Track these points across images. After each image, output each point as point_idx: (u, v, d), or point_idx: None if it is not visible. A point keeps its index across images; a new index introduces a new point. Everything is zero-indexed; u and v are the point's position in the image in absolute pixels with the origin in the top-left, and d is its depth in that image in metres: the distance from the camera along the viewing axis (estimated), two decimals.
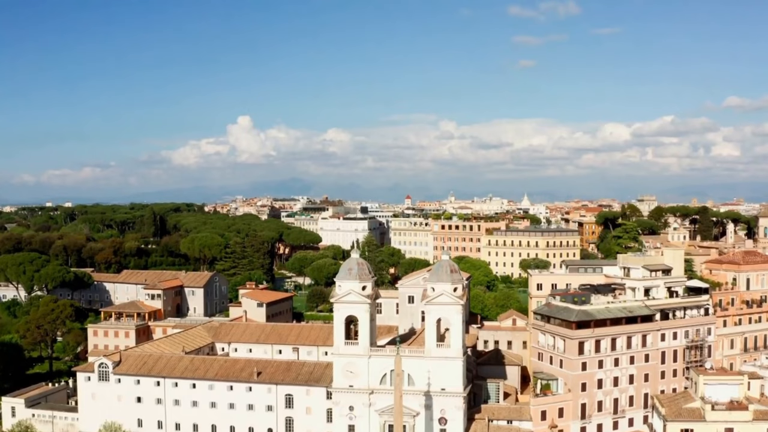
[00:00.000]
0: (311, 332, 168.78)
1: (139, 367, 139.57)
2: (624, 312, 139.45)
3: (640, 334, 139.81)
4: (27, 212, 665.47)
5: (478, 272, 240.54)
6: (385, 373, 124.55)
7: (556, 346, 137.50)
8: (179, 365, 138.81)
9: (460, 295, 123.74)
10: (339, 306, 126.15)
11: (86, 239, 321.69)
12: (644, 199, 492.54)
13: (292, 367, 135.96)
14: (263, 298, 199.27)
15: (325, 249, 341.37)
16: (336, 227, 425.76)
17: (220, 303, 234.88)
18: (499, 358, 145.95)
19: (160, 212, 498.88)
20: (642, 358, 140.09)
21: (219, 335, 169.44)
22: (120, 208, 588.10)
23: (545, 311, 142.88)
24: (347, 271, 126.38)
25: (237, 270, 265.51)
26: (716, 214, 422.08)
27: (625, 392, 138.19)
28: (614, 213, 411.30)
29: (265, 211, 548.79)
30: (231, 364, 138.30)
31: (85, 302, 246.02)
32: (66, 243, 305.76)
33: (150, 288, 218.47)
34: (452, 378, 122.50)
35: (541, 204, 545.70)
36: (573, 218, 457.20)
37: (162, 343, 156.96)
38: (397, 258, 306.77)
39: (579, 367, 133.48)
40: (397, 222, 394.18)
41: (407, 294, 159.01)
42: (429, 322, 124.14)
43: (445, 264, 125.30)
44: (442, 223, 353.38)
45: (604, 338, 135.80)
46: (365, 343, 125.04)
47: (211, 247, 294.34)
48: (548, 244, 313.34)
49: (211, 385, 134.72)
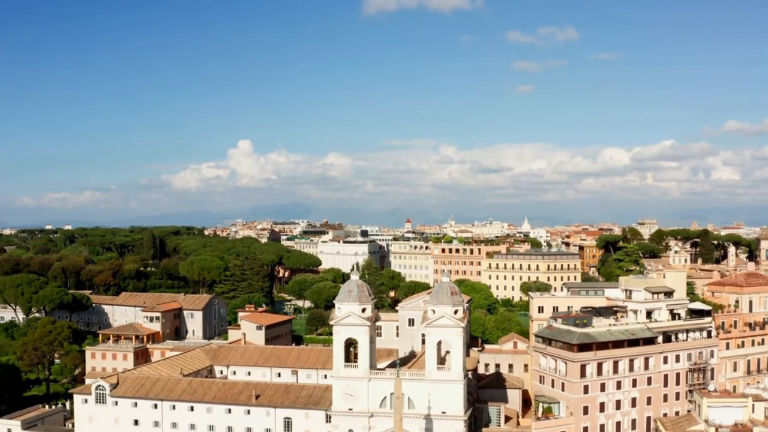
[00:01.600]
0: (310, 355, 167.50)
1: (137, 389, 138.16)
2: (626, 335, 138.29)
3: (642, 356, 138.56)
4: (26, 235, 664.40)
5: (479, 295, 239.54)
6: (385, 396, 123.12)
7: (558, 369, 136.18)
8: (177, 388, 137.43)
9: (461, 317, 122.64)
10: (338, 328, 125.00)
11: (85, 261, 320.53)
12: (645, 223, 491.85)
13: (291, 390, 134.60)
14: (262, 321, 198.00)
15: (325, 272, 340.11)
16: (336, 251, 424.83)
17: (219, 326, 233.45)
18: (500, 381, 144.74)
19: (159, 235, 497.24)
20: (644, 380, 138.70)
21: (218, 358, 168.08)
22: (120, 231, 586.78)
23: (547, 334, 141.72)
24: (347, 293, 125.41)
25: (236, 293, 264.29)
26: (717, 237, 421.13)
27: (628, 415, 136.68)
28: (615, 236, 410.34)
29: (265, 234, 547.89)
30: (229, 386, 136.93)
31: (84, 324, 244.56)
32: (65, 265, 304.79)
33: (148, 310, 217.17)
34: (453, 401, 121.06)
35: (541, 228, 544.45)
36: (574, 242, 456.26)
37: (160, 366, 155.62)
38: (397, 281, 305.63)
39: (581, 390, 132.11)
40: (397, 245, 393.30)
41: (407, 317, 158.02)
42: (429, 345, 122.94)
43: (445, 286, 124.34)
44: (443, 247, 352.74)
45: (606, 361, 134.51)
46: (365, 366, 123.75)
47: (211, 269, 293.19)
48: (549, 267, 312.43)
49: (209, 408, 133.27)
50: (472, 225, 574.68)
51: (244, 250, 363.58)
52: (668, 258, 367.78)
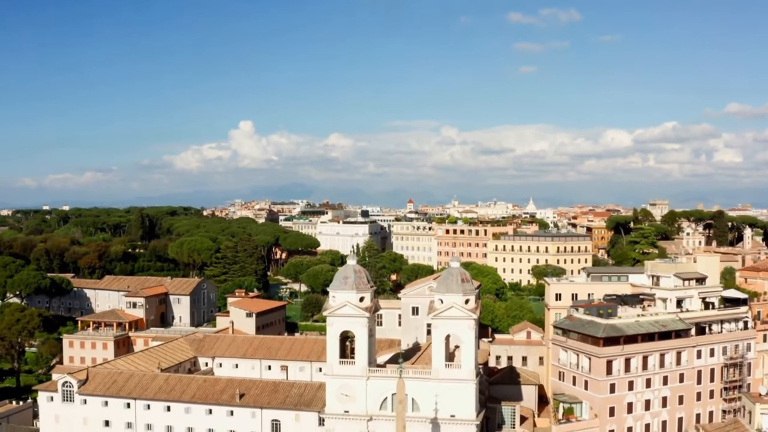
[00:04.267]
0: (304, 346, 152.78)
1: (108, 386, 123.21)
2: (657, 326, 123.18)
3: (674, 350, 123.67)
4: (21, 215, 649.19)
5: (486, 279, 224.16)
6: (385, 396, 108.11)
7: (581, 364, 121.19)
8: (152, 385, 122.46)
9: (473, 307, 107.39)
10: (333, 320, 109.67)
11: (71, 243, 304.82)
12: (656, 204, 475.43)
13: (280, 388, 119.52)
14: (253, 308, 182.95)
15: (323, 254, 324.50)
16: (335, 231, 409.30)
17: (208, 312, 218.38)
18: (514, 377, 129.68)
19: (155, 215, 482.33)
20: (676, 378, 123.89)
21: (202, 349, 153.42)
22: (115, 212, 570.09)
23: (567, 325, 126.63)
24: (342, 280, 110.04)
25: (228, 276, 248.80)
26: (731, 218, 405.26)
27: (658, 416, 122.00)
28: (626, 217, 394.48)
29: (262, 214, 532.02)
30: (211, 384, 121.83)
31: (65, 310, 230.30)
32: (48, 247, 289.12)
33: (132, 295, 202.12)
34: (463, 403, 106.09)
35: (548, 209, 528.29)
36: (581, 223, 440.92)
37: (137, 359, 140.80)
38: (399, 264, 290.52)
39: (607, 390, 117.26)
40: (399, 226, 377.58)
41: (411, 305, 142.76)
42: (436, 339, 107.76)
43: (455, 272, 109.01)
44: (447, 228, 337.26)
45: (634, 356, 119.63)
46: (363, 363, 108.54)
47: (201, 251, 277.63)
48: (558, 249, 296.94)
49: (188, 408, 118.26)
50: (475, 205, 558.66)
51: (239, 231, 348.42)
52: (681, 240, 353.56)
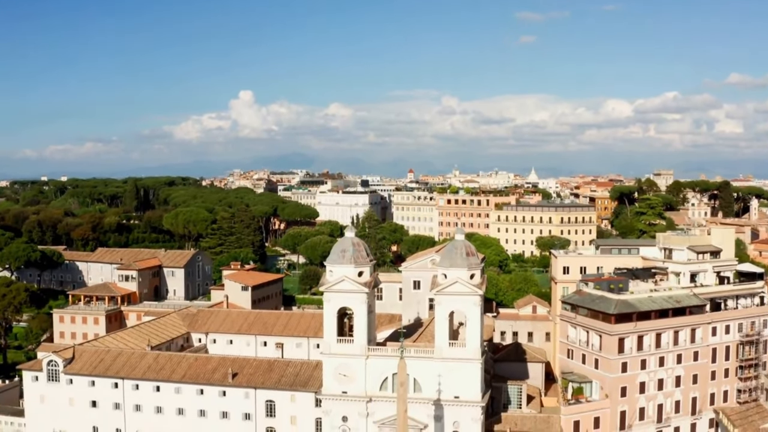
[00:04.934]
0: (301, 321, 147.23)
1: (95, 365, 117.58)
2: (671, 302, 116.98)
3: (688, 327, 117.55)
4: (19, 186, 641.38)
5: (489, 251, 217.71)
6: (386, 376, 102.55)
7: (591, 342, 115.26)
8: (141, 364, 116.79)
9: (478, 283, 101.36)
10: (330, 296, 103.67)
11: (64, 214, 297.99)
12: (661, 174, 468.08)
13: (275, 367, 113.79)
14: (248, 281, 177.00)
15: (322, 225, 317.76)
16: (335, 201, 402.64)
17: (203, 285, 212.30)
18: (520, 354, 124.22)
19: (153, 186, 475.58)
20: (690, 356, 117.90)
21: (195, 324, 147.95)
22: (112, 182, 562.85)
23: (576, 300, 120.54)
24: (340, 253, 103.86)
25: (224, 248, 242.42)
26: (737, 189, 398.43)
27: (671, 396, 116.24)
28: (630, 188, 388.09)
29: (261, 184, 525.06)
30: (202, 363, 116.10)
31: (56, 283, 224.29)
32: (41, 218, 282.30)
33: (124, 268, 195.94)
34: (468, 384, 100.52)
35: (550, 178, 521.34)
36: (583, 193, 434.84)
37: (126, 335, 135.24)
38: (399, 235, 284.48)
39: (619, 369, 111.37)
40: (399, 196, 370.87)
41: (412, 278, 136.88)
42: (440, 316, 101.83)
43: (459, 245, 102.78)
44: (448, 198, 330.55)
45: (647, 333, 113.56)
46: (362, 341, 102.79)
47: (196, 222, 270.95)
48: (562, 220, 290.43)
49: (178, 389, 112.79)
50: (477, 175, 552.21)
51: (237, 201, 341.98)
52: (687, 211, 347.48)
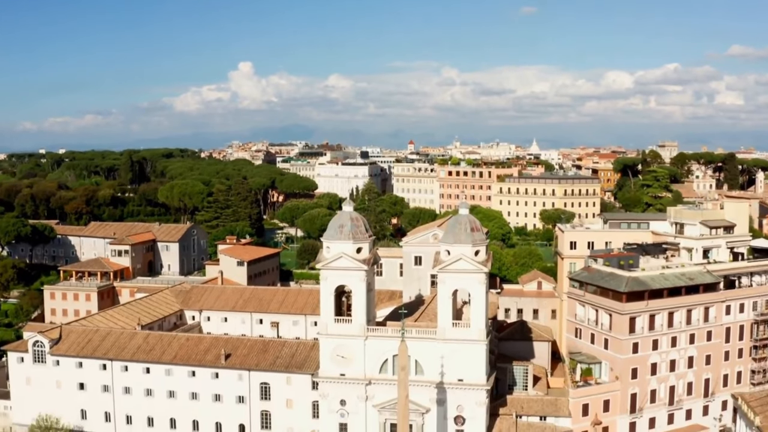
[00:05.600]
0: (298, 298, 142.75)
1: (82, 346, 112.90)
2: (683, 279, 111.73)
3: (702, 306, 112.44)
4: (16, 159, 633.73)
5: (492, 224, 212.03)
6: (386, 358, 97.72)
7: (600, 321, 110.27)
8: (131, 344, 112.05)
9: (484, 259, 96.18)
10: (327, 273, 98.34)
11: (57, 187, 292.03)
12: (665, 145, 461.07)
13: (269, 347, 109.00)
14: (244, 256, 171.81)
15: (320, 197, 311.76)
16: (334, 173, 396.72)
17: (198, 259, 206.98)
18: (525, 332, 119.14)
19: (151, 158, 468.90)
20: (704, 336, 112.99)
21: (189, 301, 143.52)
22: (110, 154, 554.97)
23: (585, 278, 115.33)
24: (338, 229, 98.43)
25: (220, 221, 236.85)
26: (743, 161, 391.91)
27: (683, 378, 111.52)
28: (634, 159, 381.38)
29: (260, 156, 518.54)
30: (194, 343, 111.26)
31: (48, 258, 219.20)
32: (34, 192, 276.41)
33: (117, 243, 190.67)
34: (472, 366, 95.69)
35: (552, 150, 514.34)
36: (585, 165, 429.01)
37: (117, 313, 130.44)
38: (400, 207, 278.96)
39: (629, 349, 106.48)
40: (399, 168, 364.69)
41: (413, 254, 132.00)
42: (443, 295, 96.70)
43: (463, 220, 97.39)
44: (449, 169, 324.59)
45: (659, 312, 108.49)
46: (360, 321, 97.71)
47: (192, 195, 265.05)
48: (566, 192, 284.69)
49: (169, 370, 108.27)
50: (478, 146, 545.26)
51: (234, 173, 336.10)
52: (692, 183, 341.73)
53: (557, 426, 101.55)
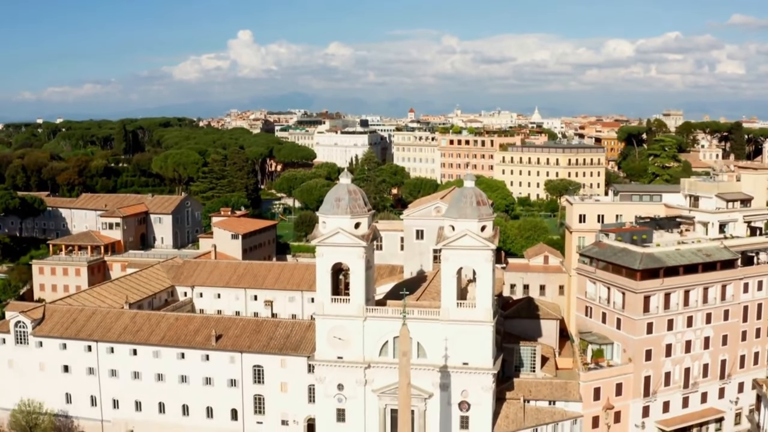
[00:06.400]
0: (294, 273, 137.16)
1: (66, 326, 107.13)
2: (700, 256, 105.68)
3: (719, 284, 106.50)
4: (13, 129, 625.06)
5: (495, 195, 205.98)
6: (386, 340, 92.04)
7: (612, 300, 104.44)
8: (117, 324, 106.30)
9: (490, 235, 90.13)
10: (323, 250, 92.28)
11: (50, 158, 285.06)
12: (670, 114, 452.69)
13: (263, 328, 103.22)
14: (239, 228, 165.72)
15: (319, 167, 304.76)
16: (333, 142, 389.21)
17: (193, 232, 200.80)
18: (532, 310, 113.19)
19: (148, 127, 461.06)
20: (720, 315, 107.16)
21: (181, 277, 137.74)
22: (107, 124, 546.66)
23: (596, 253, 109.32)
24: (334, 202, 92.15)
25: (215, 192, 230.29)
26: (749, 131, 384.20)
27: (699, 360, 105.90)
28: (638, 128, 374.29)
29: (258, 125, 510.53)
30: (183, 323, 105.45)
31: (39, 231, 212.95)
32: (25, 163, 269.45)
33: (108, 215, 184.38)
34: (478, 349, 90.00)
35: (555, 118, 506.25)
36: (588, 133, 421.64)
37: (104, 291, 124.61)
38: (400, 177, 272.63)
39: (644, 330, 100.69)
40: (400, 136, 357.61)
41: (414, 227, 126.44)
42: (447, 274, 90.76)
43: (468, 193, 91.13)
44: (451, 138, 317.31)
45: (675, 291, 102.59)
46: (359, 300, 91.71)
47: (187, 165, 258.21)
48: (570, 162, 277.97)
49: (157, 352, 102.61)
50: (479, 115, 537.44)
51: (231, 143, 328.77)
52: (698, 153, 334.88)
53: (567, 411, 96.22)
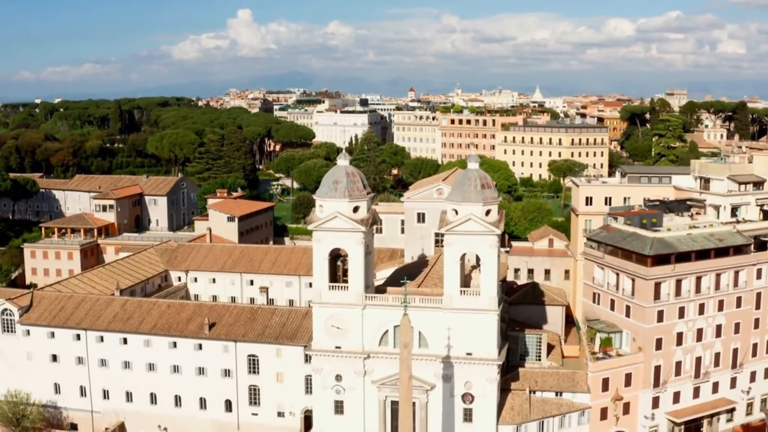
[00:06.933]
0: (291, 257, 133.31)
1: (54, 314, 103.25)
2: (713, 241, 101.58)
3: (732, 270, 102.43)
4: (10, 109, 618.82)
5: (498, 175, 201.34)
6: (386, 329, 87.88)
7: (621, 286, 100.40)
8: (106, 312, 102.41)
9: (495, 220, 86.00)
10: (320, 235, 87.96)
11: (44, 138, 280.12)
12: (674, 93, 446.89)
13: (258, 315, 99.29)
14: (235, 211, 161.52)
15: (318, 147, 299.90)
16: (332, 122, 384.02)
17: (189, 214, 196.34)
18: (537, 296, 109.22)
19: (146, 106, 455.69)
20: (733, 302, 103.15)
21: (175, 261, 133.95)
22: (104, 103, 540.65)
23: (604, 238, 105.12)
24: (332, 185, 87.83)
25: (212, 173, 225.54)
26: (753, 110, 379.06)
27: (710, 348, 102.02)
28: (642, 107, 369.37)
29: (256, 104, 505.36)
30: (175, 311, 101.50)
31: (32, 214, 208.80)
32: (19, 144, 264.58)
33: (101, 197, 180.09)
34: (483, 339, 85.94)
35: (557, 97, 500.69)
36: (590, 113, 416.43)
37: (95, 276, 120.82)
38: (400, 158, 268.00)
39: (654, 318, 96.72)
40: (400, 116, 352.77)
41: (415, 210, 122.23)
42: (450, 260, 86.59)
43: (472, 175, 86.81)
44: (452, 117, 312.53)
45: (687, 277, 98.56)
46: (358, 288, 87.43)
47: (183, 145, 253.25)
48: (573, 141, 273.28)
49: (148, 341, 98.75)
50: (480, 94, 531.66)
51: (229, 122, 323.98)
52: (702, 133, 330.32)
53: (574, 402, 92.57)
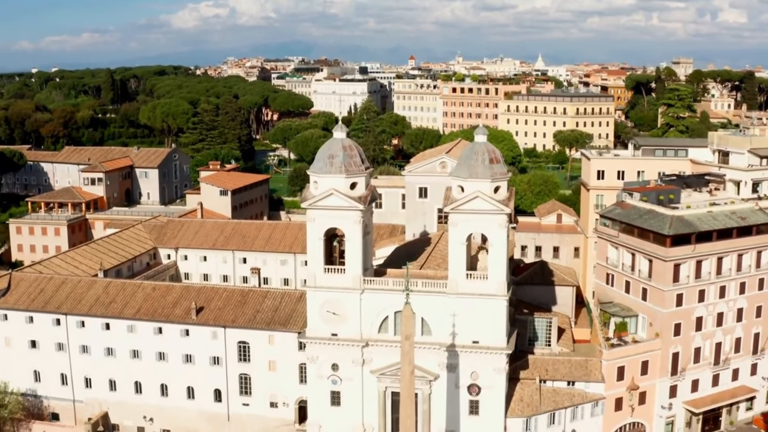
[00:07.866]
0: (286, 233, 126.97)
1: (33, 297, 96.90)
2: (735, 219, 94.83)
3: (754, 250, 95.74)
4: (6, 79, 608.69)
5: (502, 146, 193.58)
6: (386, 315, 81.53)
7: (638, 267, 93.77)
8: (88, 295, 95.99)
9: (505, 198, 79.13)
10: (315, 214, 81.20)
11: (34, 109, 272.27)
12: (680, 62, 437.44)
13: (249, 299, 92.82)
14: (228, 184, 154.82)
15: (315, 116, 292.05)
16: (331, 90, 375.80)
17: (181, 186, 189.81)
18: (546, 275, 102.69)
19: (142, 75, 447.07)
20: (755, 284, 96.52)
21: (164, 238, 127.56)
22: (100, 72, 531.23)
23: (618, 215, 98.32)
24: (327, 160, 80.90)
25: (206, 144, 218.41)
26: (761, 80, 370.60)
27: (731, 333, 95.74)
28: (648, 77, 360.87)
29: (254, 72, 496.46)
30: (161, 294, 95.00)
31: (20, 187, 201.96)
32: (8, 115, 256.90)
33: (90, 170, 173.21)
34: (490, 326, 79.60)
35: (560, 65, 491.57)
36: (594, 82, 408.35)
37: (79, 255, 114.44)
38: (401, 127, 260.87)
39: (673, 302, 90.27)
40: (400, 84, 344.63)
41: (417, 185, 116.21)
42: (455, 241, 79.82)
43: (480, 149, 79.76)
44: (453, 86, 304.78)
45: (707, 258, 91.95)
46: (355, 271, 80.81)
47: (176, 115, 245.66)
48: (578, 111, 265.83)
49: (132, 326, 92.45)
50: (481, 62, 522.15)
51: (225, 91, 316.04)
52: (709, 103, 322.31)
53: (587, 392, 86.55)
